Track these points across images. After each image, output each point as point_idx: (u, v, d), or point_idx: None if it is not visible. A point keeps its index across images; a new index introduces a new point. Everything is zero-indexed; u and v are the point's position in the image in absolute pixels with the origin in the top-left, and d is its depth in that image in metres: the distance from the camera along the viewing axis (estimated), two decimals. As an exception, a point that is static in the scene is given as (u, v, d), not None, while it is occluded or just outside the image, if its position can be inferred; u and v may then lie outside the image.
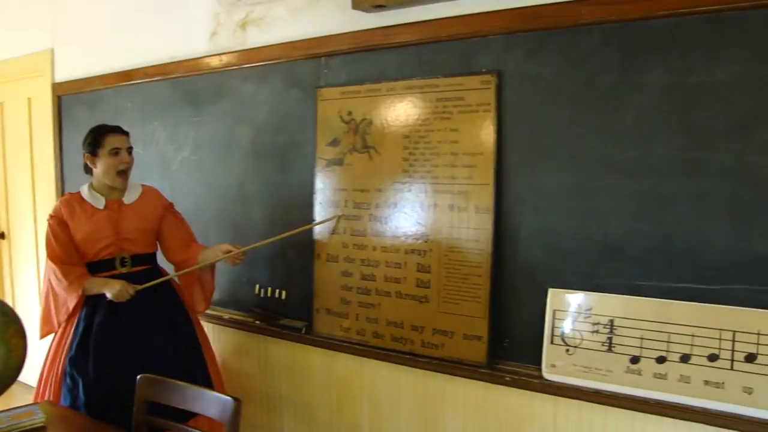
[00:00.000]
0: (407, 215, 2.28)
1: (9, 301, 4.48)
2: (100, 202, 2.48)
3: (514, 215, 2.07)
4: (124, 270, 2.47)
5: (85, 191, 2.51)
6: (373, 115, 2.34)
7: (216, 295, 2.77)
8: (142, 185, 2.63)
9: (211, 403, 1.92)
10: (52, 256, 2.44)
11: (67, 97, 3.70)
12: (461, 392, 2.24)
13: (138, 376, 2.08)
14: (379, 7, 2.25)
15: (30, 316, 4.28)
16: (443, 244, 2.20)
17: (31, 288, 4.29)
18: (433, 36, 2.17)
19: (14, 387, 4.20)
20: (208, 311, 2.79)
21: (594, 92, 1.90)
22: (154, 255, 2.62)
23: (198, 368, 2.56)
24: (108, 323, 2.40)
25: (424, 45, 2.21)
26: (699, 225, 1.77)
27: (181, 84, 3.03)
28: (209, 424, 2.43)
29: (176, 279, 2.63)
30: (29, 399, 2.54)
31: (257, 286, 2.78)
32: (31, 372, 4.19)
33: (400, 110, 2.28)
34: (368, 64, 2.36)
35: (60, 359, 2.45)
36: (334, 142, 2.45)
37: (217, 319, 2.93)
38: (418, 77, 2.22)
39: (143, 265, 2.53)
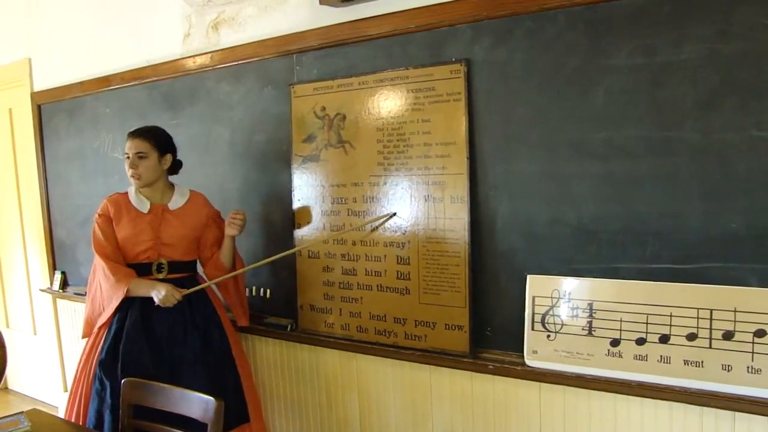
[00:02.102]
0: (384, 208, 2.28)
1: (1, 314, 4.48)
2: (144, 206, 2.45)
3: (489, 203, 2.07)
4: (159, 276, 2.43)
5: (132, 193, 2.48)
6: (346, 110, 2.34)
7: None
8: (191, 190, 2.56)
9: (193, 403, 1.92)
10: (100, 251, 2.41)
11: (47, 106, 3.68)
12: (447, 382, 2.25)
13: (123, 380, 2.08)
14: (347, 1, 2.24)
15: (23, 327, 4.30)
16: (421, 236, 2.20)
17: (23, 301, 4.28)
18: (401, 27, 2.17)
19: (9, 396, 4.26)
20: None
21: (562, 76, 1.90)
22: (194, 263, 2.55)
23: (230, 384, 2.49)
24: (138, 329, 2.36)
25: (393, 37, 2.20)
26: (671, 205, 1.77)
27: (158, 87, 3.02)
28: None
29: (218, 294, 2.57)
30: (25, 407, 2.53)
31: (242, 285, 2.78)
32: (26, 381, 4.25)
33: (373, 103, 2.27)
34: (339, 58, 2.35)
35: (92, 362, 2.43)
36: (310, 138, 2.45)
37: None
38: (389, 69, 2.22)
39: (180, 273, 2.47)
